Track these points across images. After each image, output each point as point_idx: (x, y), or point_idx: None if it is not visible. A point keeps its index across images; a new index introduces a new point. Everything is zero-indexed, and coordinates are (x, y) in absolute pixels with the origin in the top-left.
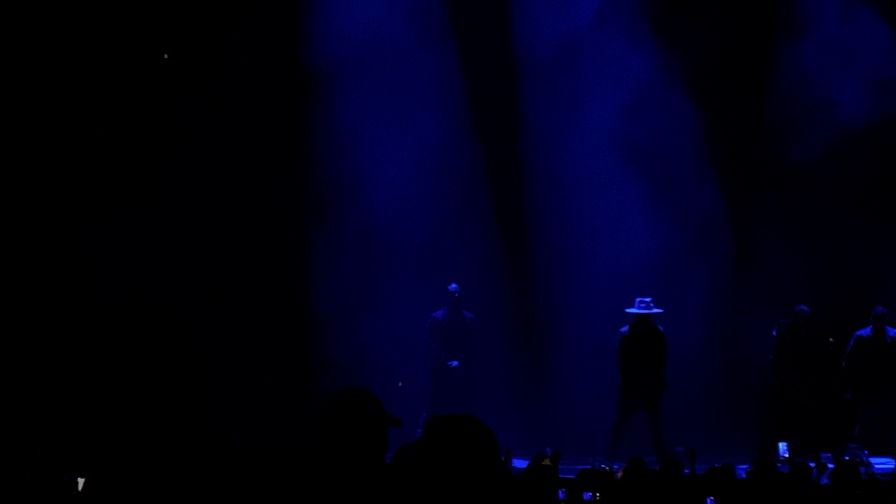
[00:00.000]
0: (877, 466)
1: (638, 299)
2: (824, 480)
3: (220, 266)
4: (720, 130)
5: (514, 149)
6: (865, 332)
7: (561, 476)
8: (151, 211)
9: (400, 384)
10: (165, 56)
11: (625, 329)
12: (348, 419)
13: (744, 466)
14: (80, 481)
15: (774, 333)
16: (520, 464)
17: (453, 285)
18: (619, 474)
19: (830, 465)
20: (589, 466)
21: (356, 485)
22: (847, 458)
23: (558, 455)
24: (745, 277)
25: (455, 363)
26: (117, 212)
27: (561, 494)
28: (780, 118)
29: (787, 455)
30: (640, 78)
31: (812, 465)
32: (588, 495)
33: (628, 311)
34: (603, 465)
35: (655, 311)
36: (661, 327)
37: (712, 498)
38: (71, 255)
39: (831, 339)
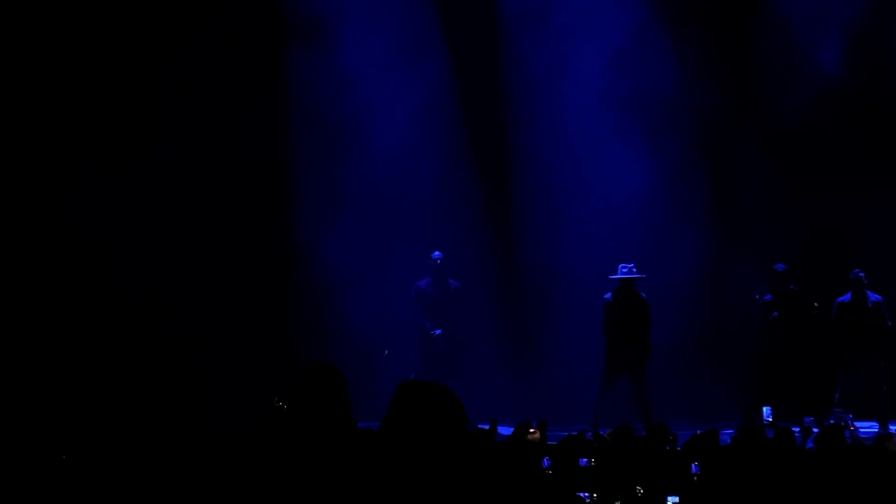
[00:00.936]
0: (861, 430)
1: (621, 265)
2: (809, 445)
3: (208, 229)
4: (706, 85)
5: (499, 112)
6: (846, 297)
7: (547, 443)
8: (139, 162)
9: (386, 353)
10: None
11: (608, 296)
12: (310, 392)
13: (729, 432)
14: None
15: (758, 298)
16: (505, 431)
17: (436, 253)
18: (606, 439)
19: (815, 430)
20: (575, 433)
21: (314, 458)
22: (832, 421)
23: (544, 425)
24: (731, 237)
25: (439, 332)
26: (104, 163)
27: (545, 462)
28: (766, 74)
29: (770, 419)
30: (625, 29)
31: (796, 429)
32: (584, 461)
33: (611, 277)
34: (589, 433)
35: (638, 276)
36: (644, 294)
37: (697, 464)
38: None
39: (816, 304)
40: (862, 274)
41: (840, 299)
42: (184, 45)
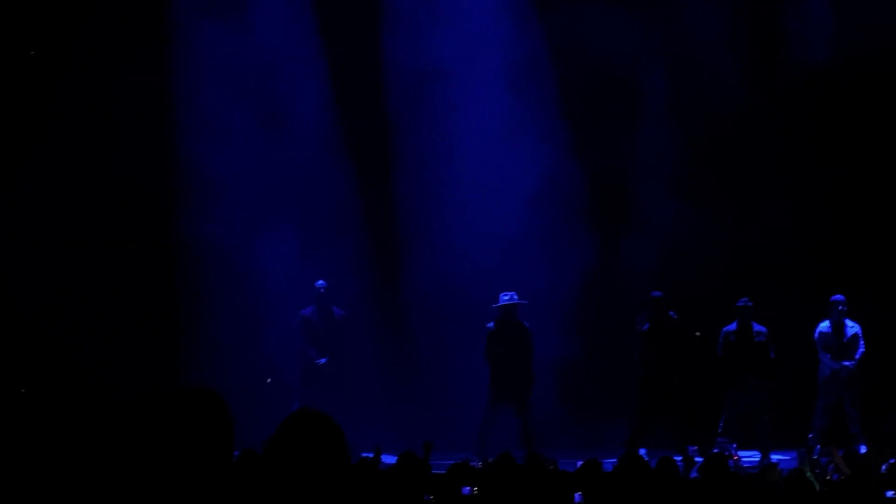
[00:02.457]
0: (744, 460)
1: (502, 293)
2: (693, 474)
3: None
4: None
5: (382, 136)
6: (731, 326)
7: (433, 472)
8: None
9: (269, 381)
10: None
11: (490, 325)
12: (192, 420)
13: (611, 461)
14: None
15: (637, 327)
16: (390, 460)
17: (320, 282)
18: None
19: (699, 459)
20: (459, 461)
21: (196, 485)
22: (716, 451)
23: (430, 445)
24: (613, 266)
25: (324, 360)
26: None
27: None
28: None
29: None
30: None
31: (678, 458)
32: (467, 490)
33: (493, 306)
34: (473, 461)
35: (519, 302)
36: (526, 322)
37: (580, 493)
38: None
39: (697, 333)
40: (750, 303)
41: (726, 329)
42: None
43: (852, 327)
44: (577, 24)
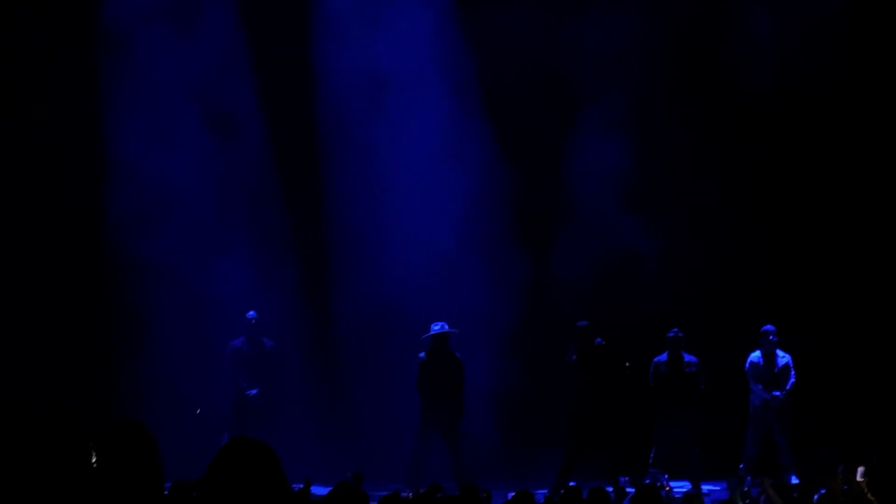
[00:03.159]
0: (676, 490)
1: (433, 323)
2: None
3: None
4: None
5: (312, 163)
6: (662, 357)
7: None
8: None
9: (199, 412)
10: None
11: (422, 354)
12: (120, 453)
13: (543, 491)
14: None
15: (567, 357)
16: (321, 491)
17: (251, 312)
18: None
19: (630, 490)
20: (390, 492)
21: None
22: (647, 481)
23: (360, 477)
24: (548, 282)
25: (254, 391)
26: None
27: None
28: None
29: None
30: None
31: (610, 489)
32: None
33: (425, 336)
34: (404, 492)
35: (451, 331)
36: (458, 353)
37: None
38: None
39: (627, 364)
40: (681, 334)
41: (657, 359)
42: None
43: (783, 357)
44: (512, 35)
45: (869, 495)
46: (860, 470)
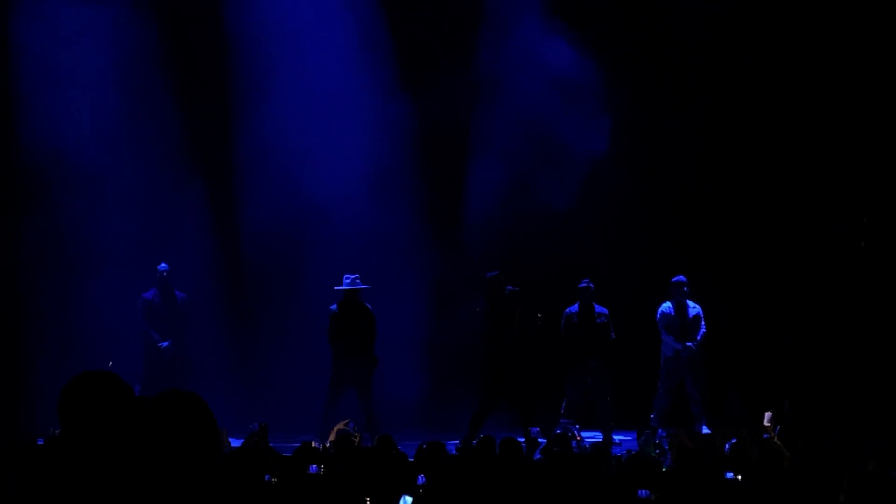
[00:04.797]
0: (587, 440)
1: (345, 276)
2: (537, 456)
3: None
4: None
5: (223, 118)
6: (573, 308)
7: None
8: None
9: (110, 364)
10: None
11: (334, 307)
12: (87, 403)
13: (455, 442)
14: None
15: (477, 309)
16: (235, 443)
17: (162, 265)
18: (330, 447)
19: (542, 440)
20: (302, 444)
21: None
22: (559, 431)
23: (265, 427)
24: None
25: (166, 343)
26: None
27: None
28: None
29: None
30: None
31: (521, 440)
32: (314, 468)
33: (337, 288)
34: (316, 443)
35: (362, 286)
36: (370, 305)
37: (423, 476)
38: None
39: (539, 315)
40: (591, 285)
41: (568, 310)
42: None
43: (694, 308)
44: None
45: (775, 439)
46: (767, 415)
